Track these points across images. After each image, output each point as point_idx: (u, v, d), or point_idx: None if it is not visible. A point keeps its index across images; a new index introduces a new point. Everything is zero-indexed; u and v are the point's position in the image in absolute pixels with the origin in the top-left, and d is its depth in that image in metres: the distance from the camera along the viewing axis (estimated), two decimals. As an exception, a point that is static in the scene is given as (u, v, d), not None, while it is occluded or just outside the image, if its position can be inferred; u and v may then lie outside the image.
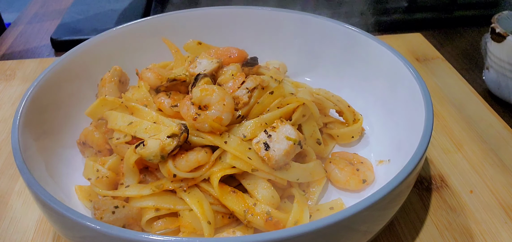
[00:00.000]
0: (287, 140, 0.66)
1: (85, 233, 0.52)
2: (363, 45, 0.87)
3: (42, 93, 0.75)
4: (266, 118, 0.70)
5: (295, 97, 0.73)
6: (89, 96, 0.85)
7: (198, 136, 0.67)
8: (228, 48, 0.83)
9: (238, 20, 0.99)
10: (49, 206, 0.53)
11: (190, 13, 0.99)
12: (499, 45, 0.92)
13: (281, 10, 0.97)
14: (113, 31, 0.92)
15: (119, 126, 0.72)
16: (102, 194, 0.69)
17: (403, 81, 0.76)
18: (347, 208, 0.51)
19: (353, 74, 0.91)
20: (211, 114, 0.66)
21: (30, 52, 1.28)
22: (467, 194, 0.76)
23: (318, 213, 0.68)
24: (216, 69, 0.77)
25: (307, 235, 0.48)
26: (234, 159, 0.65)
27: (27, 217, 0.74)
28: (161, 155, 0.63)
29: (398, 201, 0.60)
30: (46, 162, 0.71)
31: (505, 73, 0.93)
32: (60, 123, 0.79)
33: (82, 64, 0.86)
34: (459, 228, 0.70)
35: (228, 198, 0.65)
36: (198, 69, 0.76)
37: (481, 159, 0.83)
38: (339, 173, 0.74)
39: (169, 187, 0.66)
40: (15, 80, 1.11)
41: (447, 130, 0.90)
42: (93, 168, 0.70)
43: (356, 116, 0.83)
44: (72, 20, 1.36)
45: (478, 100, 0.99)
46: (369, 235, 0.59)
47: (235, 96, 0.71)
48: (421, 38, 1.25)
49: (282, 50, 0.99)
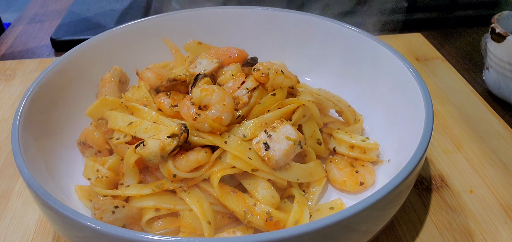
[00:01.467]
0: (287, 140, 0.66)
1: (85, 233, 0.52)
2: (363, 45, 0.87)
3: (42, 93, 0.75)
4: (266, 118, 0.70)
5: (295, 98, 0.73)
6: (89, 96, 0.85)
7: (198, 136, 0.67)
8: (228, 48, 0.83)
9: (238, 20, 0.99)
10: (49, 206, 0.53)
11: (190, 13, 0.99)
12: (499, 45, 0.92)
13: (281, 10, 0.98)
14: (113, 31, 0.92)
15: (119, 126, 0.72)
16: (102, 193, 0.69)
17: (403, 81, 0.76)
18: (347, 208, 0.51)
19: (353, 74, 0.91)
20: (211, 114, 0.66)
21: (30, 52, 1.28)
22: (467, 194, 0.76)
23: (318, 213, 0.68)
24: (216, 69, 0.77)
25: (307, 235, 0.48)
26: (234, 159, 0.65)
27: (27, 217, 0.74)
28: (161, 155, 0.63)
29: (398, 201, 0.60)
30: (46, 162, 0.70)
31: (505, 73, 0.93)
32: (60, 123, 0.79)
33: (82, 64, 0.86)
34: (459, 228, 0.70)
35: (228, 198, 0.65)
36: (198, 69, 0.76)
37: (481, 159, 0.83)
38: (337, 173, 0.74)
39: (169, 187, 0.66)
40: (15, 80, 1.11)
41: (447, 130, 0.90)
42: (93, 168, 0.70)
43: (357, 116, 0.83)
44: (72, 20, 1.36)
45: (478, 100, 0.99)
46: (369, 235, 0.59)
47: (235, 97, 0.71)
48: (421, 38, 1.25)
49: (282, 50, 0.99)
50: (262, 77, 0.73)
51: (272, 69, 0.73)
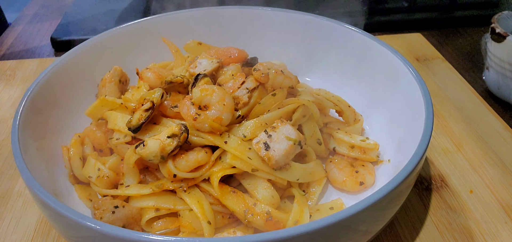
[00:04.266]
0: (287, 140, 0.66)
1: (85, 233, 0.52)
2: (363, 45, 0.87)
3: (42, 93, 0.75)
4: (266, 118, 0.70)
5: (295, 98, 0.73)
6: (89, 96, 0.85)
7: (198, 136, 0.67)
8: (228, 48, 0.82)
9: (238, 20, 0.99)
10: (49, 206, 0.53)
11: (190, 13, 0.99)
12: (499, 45, 0.92)
13: (281, 10, 0.97)
14: (113, 31, 0.92)
15: (119, 126, 0.72)
16: (102, 193, 0.69)
17: (403, 81, 0.76)
18: (347, 208, 0.51)
19: (353, 74, 0.91)
20: (211, 115, 0.66)
21: (30, 52, 1.28)
22: (467, 194, 0.76)
23: (318, 213, 0.68)
24: (216, 69, 0.77)
25: (307, 235, 0.48)
26: (234, 159, 0.65)
27: (27, 217, 0.74)
28: (161, 155, 0.63)
29: (398, 201, 0.60)
30: (46, 162, 0.71)
31: (505, 73, 0.93)
32: (60, 123, 0.79)
33: (82, 64, 0.86)
34: (459, 228, 0.70)
35: (228, 198, 0.65)
36: (198, 69, 0.76)
37: (481, 159, 0.83)
38: (337, 173, 0.74)
39: (169, 187, 0.66)
40: (15, 80, 1.11)
41: (447, 130, 0.90)
42: (95, 166, 0.70)
43: (356, 116, 0.83)
44: (72, 20, 1.36)
45: (478, 100, 0.99)
46: (369, 235, 0.59)
47: (235, 96, 0.71)
48: (421, 38, 1.25)
49: (282, 50, 0.99)
50: (262, 77, 0.73)
51: (272, 69, 0.73)
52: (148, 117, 0.67)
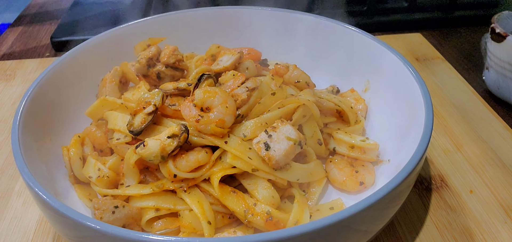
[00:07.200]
0: (288, 140, 0.66)
1: (85, 233, 0.52)
2: (363, 45, 0.87)
3: (42, 93, 0.75)
4: (267, 118, 0.70)
5: (295, 98, 0.73)
6: (89, 96, 0.85)
7: (199, 136, 0.67)
8: (241, 50, 0.83)
9: (238, 20, 0.99)
10: (49, 206, 0.53)
11: (191, 13, 0.99)
12: (499, 45, 0.92)
13: (282, 11, 0.97)
14: (113, 31, 0.92)
15: (119, 126, 0.72)
16: (102, 193, 0.69)
17: (403, 81, 0.76)
18: (347, 208, 0.51)
19: (353, 74, 0.91)
20: (214, 117, 0.66)
21: (30, 52, 1.28)
22: (467, 194, 0.76)
23: (318, 213, 0.68)
24: (238, 60, 0.79)
25: (307, 235, 0.48)
26: (234, 159, 0.65)
27: (27, 217, 0.74)
28: (162, 155, 0.63)
29: (398, 201, 0.60)
30: (46, 162, 0.70)
31: (505, 73, 0.93)
32: (60, 123, 0.79)
33: (82, 64, 0.86)
34: (459, 228, 0.70)
35: (228, 198, 0.65)
36: (221, 65, 0.78)
37: (481, 159, 0.83)
38: (337, 173, 0.74)
39: (169, 187, 0.66)
40: (15, 80, 1.11)
41: (447, 130, 0.90)
42: (95, 166, 0.70)
43: (358, 118, 0.83)
44: (72, 20, 1.36)
45: (478, 100, 0.99)
46: (369, 235, 0.59)
47: (234, 94, 0.71)
48: (421, 38, 1.25)
49: (282, 50, 0.99)
50: (281, 69, 0.80)
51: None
52: (150, 120, 0.67)
